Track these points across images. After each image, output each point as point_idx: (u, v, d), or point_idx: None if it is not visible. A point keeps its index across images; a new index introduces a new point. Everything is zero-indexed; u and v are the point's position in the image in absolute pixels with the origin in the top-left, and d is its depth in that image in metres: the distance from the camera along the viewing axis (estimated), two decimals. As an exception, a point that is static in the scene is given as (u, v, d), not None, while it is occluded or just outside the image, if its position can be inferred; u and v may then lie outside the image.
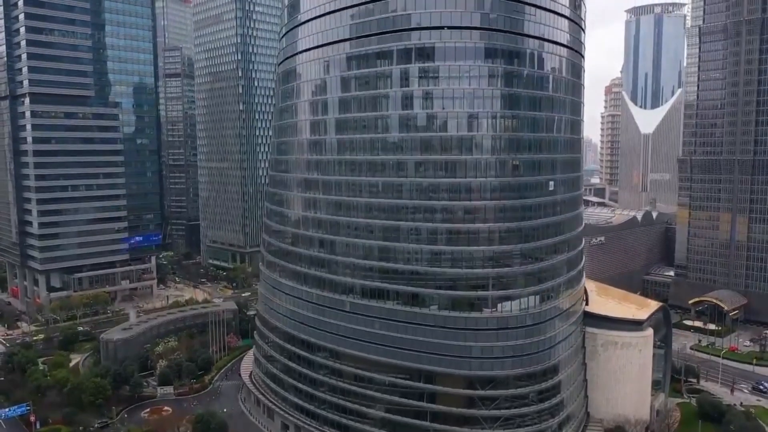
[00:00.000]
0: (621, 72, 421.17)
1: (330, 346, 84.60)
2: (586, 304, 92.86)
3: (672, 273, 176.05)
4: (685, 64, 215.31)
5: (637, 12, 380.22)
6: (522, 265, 76.04)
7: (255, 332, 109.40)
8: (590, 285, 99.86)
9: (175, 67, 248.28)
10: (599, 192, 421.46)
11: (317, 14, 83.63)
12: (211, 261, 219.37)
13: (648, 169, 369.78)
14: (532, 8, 75.50)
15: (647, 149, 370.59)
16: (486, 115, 73.58)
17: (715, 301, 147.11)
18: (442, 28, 72.42)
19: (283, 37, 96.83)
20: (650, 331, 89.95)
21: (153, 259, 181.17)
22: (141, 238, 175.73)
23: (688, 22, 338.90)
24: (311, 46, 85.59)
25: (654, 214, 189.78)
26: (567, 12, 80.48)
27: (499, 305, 74.99)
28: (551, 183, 78.44)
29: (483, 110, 73.27)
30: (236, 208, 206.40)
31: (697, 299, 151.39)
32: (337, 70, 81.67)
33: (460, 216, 74.71)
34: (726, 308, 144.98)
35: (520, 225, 75.54)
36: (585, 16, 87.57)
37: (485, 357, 74.38)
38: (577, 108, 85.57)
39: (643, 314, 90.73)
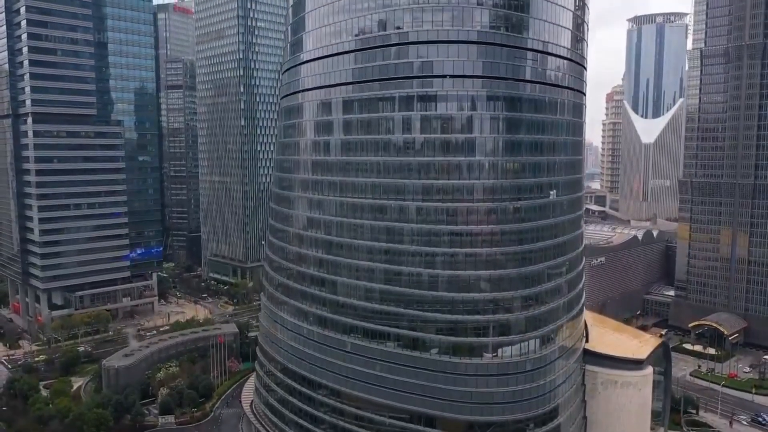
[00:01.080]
0: (622, 79, 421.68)
1: (331, 385, 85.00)
2: (586, 340, 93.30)
3: (672, 293, 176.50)
4: (687, 84, 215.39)
5: (638, 21, 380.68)
6: (523, 310, 76.37)
7: (256, 362, 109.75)
8: (588, 318, 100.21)
9: (177, 78, 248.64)
10: (600, 199, 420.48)
11: (320, 55, 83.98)
12: (212, 274, 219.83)
13: (649, 177, 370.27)
14: (535, 53, 75.91)
15: (648, 158, 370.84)
16: (487, 161, 73.95)
17: (714, 325, 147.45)
18: (444, 76, 72.76)
19: (285, 72, 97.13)
20: (650, 370, 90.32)
21: (154, 276, 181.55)
22: (142, 251, 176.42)
23: (690, 32, 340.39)
24: (313, 86, 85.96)
25: (654, 233, 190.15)
26: (568, 54, 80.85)
27: (499, 350, 75.41)
28: (555, 230, 79.16)
29: (484, 157, 73.64)
30: (237, 223, 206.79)
31: (696, 323, 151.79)
32: (339, 112, 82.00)
33: (461, 261, 75.04)
34: (725, 332, 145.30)
35: (520, 271, 75.85)
36: (587, 54, 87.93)
37: (485, 402, 74.77)
38: (578, 148, 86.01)
39: (643, 353, 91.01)
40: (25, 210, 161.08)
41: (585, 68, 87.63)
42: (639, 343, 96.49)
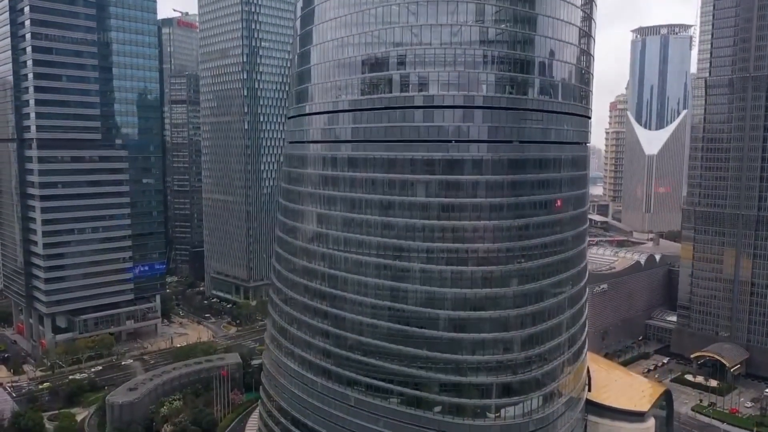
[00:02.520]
0: (626, 88, 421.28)
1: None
2: (589, 389, 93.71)
3: (674, 318, 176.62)
4: (691, 102, 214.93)
5: (643, 32, 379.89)
6: (526, 372, 76.71)
7: (259, 405, 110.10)
8: (591, 361, 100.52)
9: (180, 93, 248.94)
10: (602, 209, 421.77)
11: (323, 110, 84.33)
12: (215, 292, 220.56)
13: (652, 189, 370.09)
14: (540, 114, 76.37)
15: (652, 169, 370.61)
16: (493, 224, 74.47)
17: (716, 356, 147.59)
18: (449, 141, 73.07)
19: (290, 119, 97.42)
20: (652, 422, 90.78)
21: (157, 297, 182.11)
22: (146, 268, 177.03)
23: (695, 43, 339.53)
24: (317, 139, 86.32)
25: (657, 257, 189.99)
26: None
27: (502, 410, 75.83)
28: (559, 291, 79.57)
29: (490, 222, 74.10)
30: (240, 242, 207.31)
31: (698, 353, 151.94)
32: (343, 168, 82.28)
33: (464, 322, 75.48)
34: (727, 365, 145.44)
35: (523, 333, 76.23)
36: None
37: (488, 463, 75.29)
38: (581, 208, 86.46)
39: (644, 404, 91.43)
40: (30, 234, 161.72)
41: (589, 118, 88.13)
42: (642, 392, 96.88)
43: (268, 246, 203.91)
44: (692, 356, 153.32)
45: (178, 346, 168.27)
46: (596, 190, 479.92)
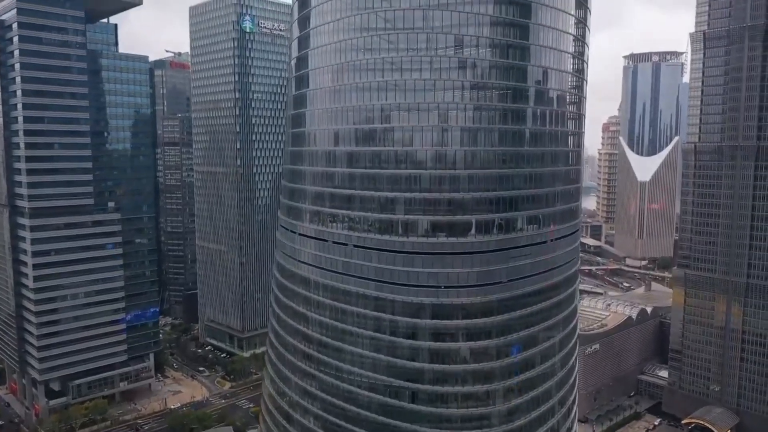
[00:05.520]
0: (618, 109, 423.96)
1: None
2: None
3: (666, 373, 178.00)
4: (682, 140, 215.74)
5: (635, 59, 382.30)
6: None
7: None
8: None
9: (173, 135, 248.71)
10: (595, 230, 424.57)
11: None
12: (209, 339, 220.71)
13: (645, 216, 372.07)
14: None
15: (644, 196, 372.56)
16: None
17: (706, 424, 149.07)
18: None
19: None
20: None
21: (151, 356, 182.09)
22: (140, 327, 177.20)
23: (686, 71, 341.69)
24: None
25: (649, 309, 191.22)
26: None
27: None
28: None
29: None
30: (234, 293, 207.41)
31: (688, 420, 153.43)
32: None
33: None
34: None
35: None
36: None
37: None
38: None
39: None
40: (22, 299, 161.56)
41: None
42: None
43: (262, 296, 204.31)
44: (683, 422, 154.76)
45: (172, 407, 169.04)
46: (590, 203, 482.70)
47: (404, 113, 75.59)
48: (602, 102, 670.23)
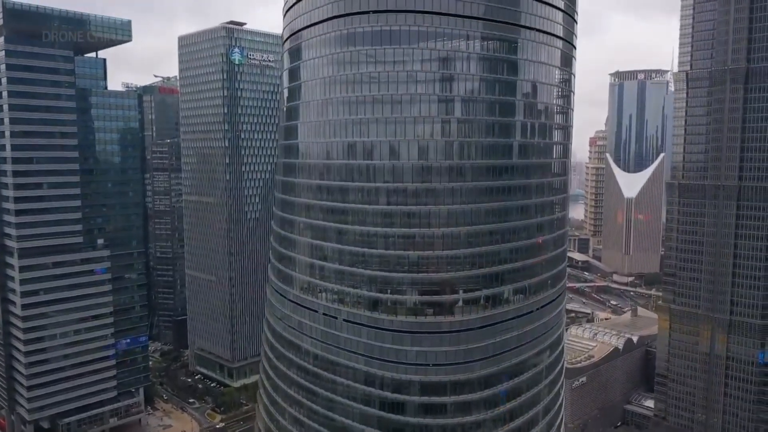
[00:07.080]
0: (605, 124, 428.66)
1: None
2: None
3: (652, 403, 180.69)
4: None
5: (621, 77, 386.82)
6: None
7: None
8: None
9: (162, 161, 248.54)
10: (583, 244, 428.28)
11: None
12: (198, 368, 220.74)
13: (632, 232, 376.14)
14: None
15: (631, 211, 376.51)
16: None
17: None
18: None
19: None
20: None
21: (140, 390, 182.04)
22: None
23: (671, 89, 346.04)
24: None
25: (635, 338, 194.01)
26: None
27: None
28: None
29: None
30: (224, 323, 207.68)
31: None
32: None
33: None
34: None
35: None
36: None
37: None
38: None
39: None
40: (11, 339, 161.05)
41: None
42: None
43: (252, 326, 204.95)
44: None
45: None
46: (578, 211, 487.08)
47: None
48: (580, 105, 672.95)
